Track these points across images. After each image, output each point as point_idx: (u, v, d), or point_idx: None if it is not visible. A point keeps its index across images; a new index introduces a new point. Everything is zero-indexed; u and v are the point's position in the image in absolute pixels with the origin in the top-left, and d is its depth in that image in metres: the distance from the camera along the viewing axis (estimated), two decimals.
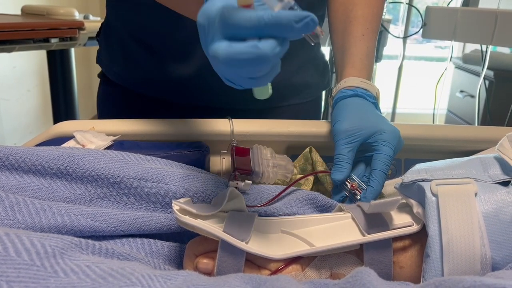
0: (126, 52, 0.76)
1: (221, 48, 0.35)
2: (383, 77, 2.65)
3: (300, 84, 0.79)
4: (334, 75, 0.69)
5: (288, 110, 0.80)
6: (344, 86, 0.61)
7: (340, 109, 0.59)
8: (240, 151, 0.60)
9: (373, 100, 0.61)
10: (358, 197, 0.53)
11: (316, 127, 0.66)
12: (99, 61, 0.82)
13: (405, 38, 2.04)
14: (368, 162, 0.56)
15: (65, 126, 0.63)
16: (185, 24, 0.67)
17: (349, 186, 0.54)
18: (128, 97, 0.78)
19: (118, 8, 0.74)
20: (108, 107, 0.82)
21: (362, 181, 0.54)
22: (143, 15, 0.71)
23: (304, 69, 0.78)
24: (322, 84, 0.84)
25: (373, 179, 0.53)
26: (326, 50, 1.80)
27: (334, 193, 0.55)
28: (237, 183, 0.53)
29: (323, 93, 0.89)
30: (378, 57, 1.85)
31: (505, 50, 2.49)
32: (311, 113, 0.84)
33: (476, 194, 0.40)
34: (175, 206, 0.41)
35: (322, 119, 0.79)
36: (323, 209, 0.52)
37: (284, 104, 0.79)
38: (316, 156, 0.61)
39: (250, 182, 0.54)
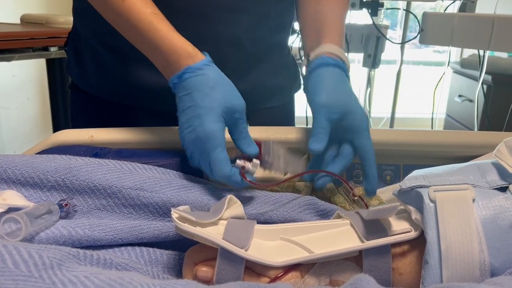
0: (98, 60, 0.73)
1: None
2: (381, 82, 2.65)
3: (275, 87, 0.80)
4: (303, 78, 0.69)
5: (264, 113, 0.80)
6: (325, 51, 0.61)
7: (321, 79, 0.59)
8: None
9: (348, 74, 0.62)
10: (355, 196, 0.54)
11: None
12: (69, 71, 0.80)
13: (402, 43, 2.05)
14: (335, 139, 0.58)
15: (64, 135, 0.63)
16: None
17: (351, 194, 0.54)
18: (101, 106, 0.76)
19: (88, 16, 0.72)
20: (82, 117, 0.80)
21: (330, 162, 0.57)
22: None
23: (277, 72, 0.79)
24: (294, 86, 0.85)
25: (369, 168, 0.56)
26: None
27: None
28: (244, 162, 0.51)
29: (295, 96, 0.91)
30: (376, 63, 1.85)
31: (503, 54, 2.49)
32: (285, 116, 0.85)
33: (474, 200, 0.40)
34: (174, 214, 0.41)
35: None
36: (324, 213, 0.52)
37: (260, 108, 0.79)
38: None
39: (258, 162, 0.52)
